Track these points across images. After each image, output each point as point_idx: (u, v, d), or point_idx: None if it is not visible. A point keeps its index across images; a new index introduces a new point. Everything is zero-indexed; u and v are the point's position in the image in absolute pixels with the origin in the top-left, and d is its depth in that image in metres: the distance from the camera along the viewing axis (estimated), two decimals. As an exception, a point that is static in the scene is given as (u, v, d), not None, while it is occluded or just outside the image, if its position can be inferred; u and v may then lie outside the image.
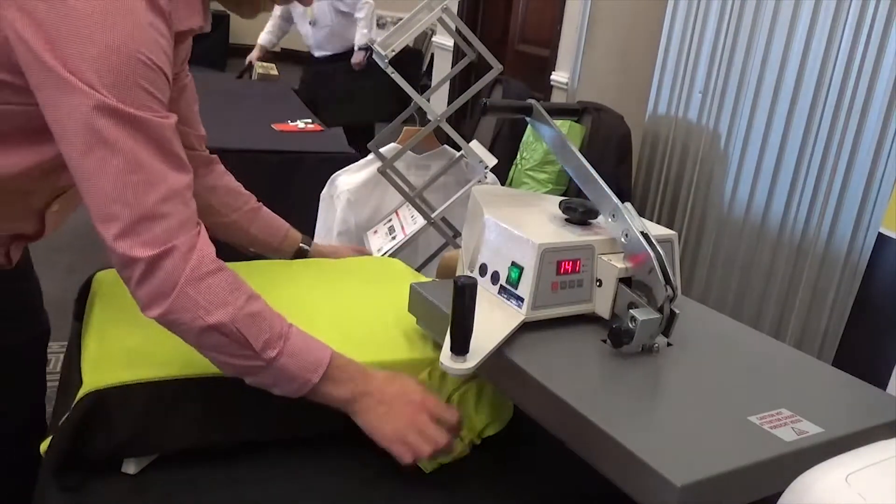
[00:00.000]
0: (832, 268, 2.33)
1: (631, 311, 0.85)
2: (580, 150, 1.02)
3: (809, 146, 2.41)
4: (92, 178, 0.77)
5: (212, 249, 0.83)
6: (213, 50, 8.54)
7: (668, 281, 0.84)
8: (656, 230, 0.95)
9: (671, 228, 1.11)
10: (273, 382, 0.85)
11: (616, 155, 3.08)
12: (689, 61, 2.96)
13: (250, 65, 4.58)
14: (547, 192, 3.05)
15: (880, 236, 1.97)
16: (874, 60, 2.20)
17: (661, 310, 0.85)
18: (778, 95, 2.53)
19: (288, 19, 4.48)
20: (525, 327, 0.88)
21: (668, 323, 0.86)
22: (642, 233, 0.87)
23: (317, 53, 4.45)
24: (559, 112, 1.12)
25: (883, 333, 1.98)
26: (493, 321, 0.87)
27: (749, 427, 0.75)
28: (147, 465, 0.86)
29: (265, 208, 1.30)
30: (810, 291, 2.41)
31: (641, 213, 0.96)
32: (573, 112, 1.27)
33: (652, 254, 0.86)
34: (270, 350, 0.83)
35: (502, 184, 3.00)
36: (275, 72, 4.44)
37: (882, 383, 1.88)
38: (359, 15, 4.33)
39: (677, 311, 0.86)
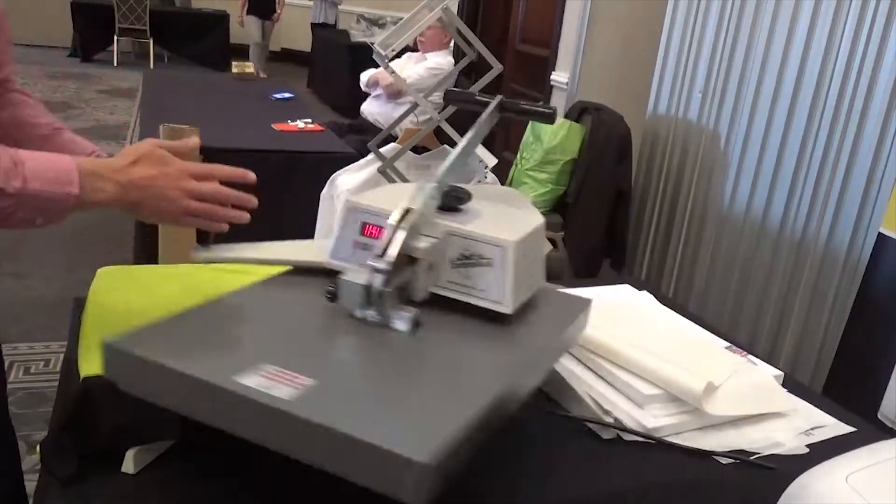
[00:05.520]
0: (832, 268, 2.33)
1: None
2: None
3: (809, 146, 2.41)
4: None
5: None
6: (213, 50, 8.54)
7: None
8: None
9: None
10: (34, 213, 0.77)
11: (616, 154, 3.08)
12: (689, 61, 2.96)
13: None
14: (547, 192, 3.05)
15: (880, 236, 1.97)
16: (874, 60, 2.20)
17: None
18: (778, 95, 2.53)
19: None
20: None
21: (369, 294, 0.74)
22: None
23: None
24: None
25: (883, 333, 1.98)
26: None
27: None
28: (147, 465, 0.86)
29: (69, 132, 1.08)
30: (810, 291, 2.41)
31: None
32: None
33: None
34: (14, 181, 0.74)
35: (502, 184, 3.00)
36: (251, 69, 4.45)
37: (882, 383, 1.88)
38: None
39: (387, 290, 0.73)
